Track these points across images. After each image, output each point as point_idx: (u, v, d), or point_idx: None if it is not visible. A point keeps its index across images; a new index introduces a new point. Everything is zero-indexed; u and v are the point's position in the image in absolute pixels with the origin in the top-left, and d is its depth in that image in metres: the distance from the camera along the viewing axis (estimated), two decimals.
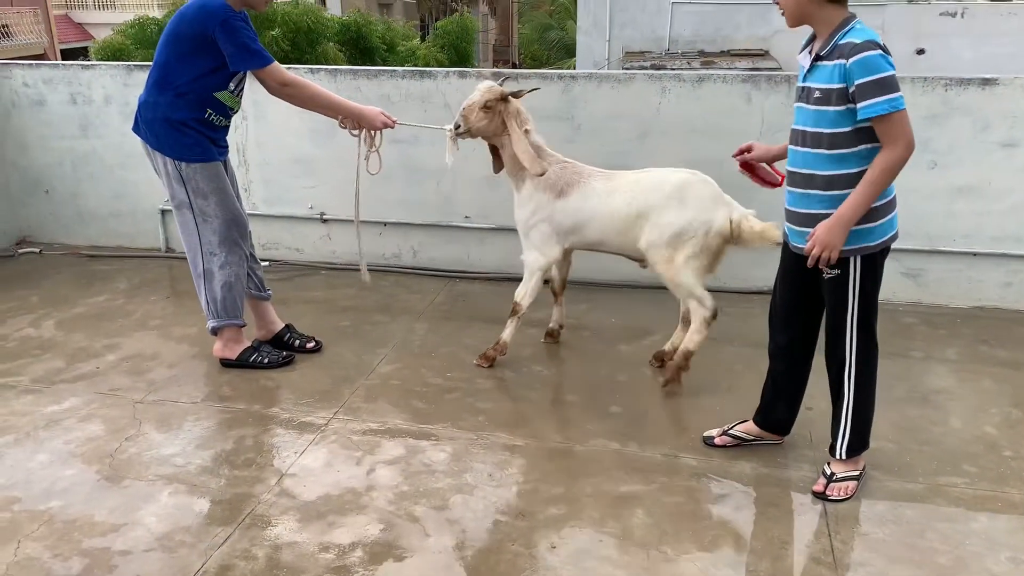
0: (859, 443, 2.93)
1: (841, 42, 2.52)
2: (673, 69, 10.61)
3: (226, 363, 3.91)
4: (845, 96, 2.52)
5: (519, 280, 5.01)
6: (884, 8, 12.99)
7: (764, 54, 13.17)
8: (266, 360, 3.91)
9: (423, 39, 25.61)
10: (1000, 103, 4.23)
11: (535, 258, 3.78)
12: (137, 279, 5.07)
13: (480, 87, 3.68)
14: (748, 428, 3.23)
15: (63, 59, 24.68)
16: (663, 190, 3.50)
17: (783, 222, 2.89)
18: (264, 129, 5.14)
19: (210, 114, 3.63)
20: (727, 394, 3.66)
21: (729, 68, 11.67)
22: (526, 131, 3.67)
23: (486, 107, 3.62)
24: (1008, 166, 4.29)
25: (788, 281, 2.98)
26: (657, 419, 3.46)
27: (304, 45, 17.76)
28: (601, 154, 4.66)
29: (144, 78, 5.22)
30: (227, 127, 3.80)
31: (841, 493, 2.91)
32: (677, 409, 3.56)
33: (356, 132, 3.80)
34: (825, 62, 2.56)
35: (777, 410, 3.16)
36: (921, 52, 12.58)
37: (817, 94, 2.59)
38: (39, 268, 5.29)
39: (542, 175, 3.63)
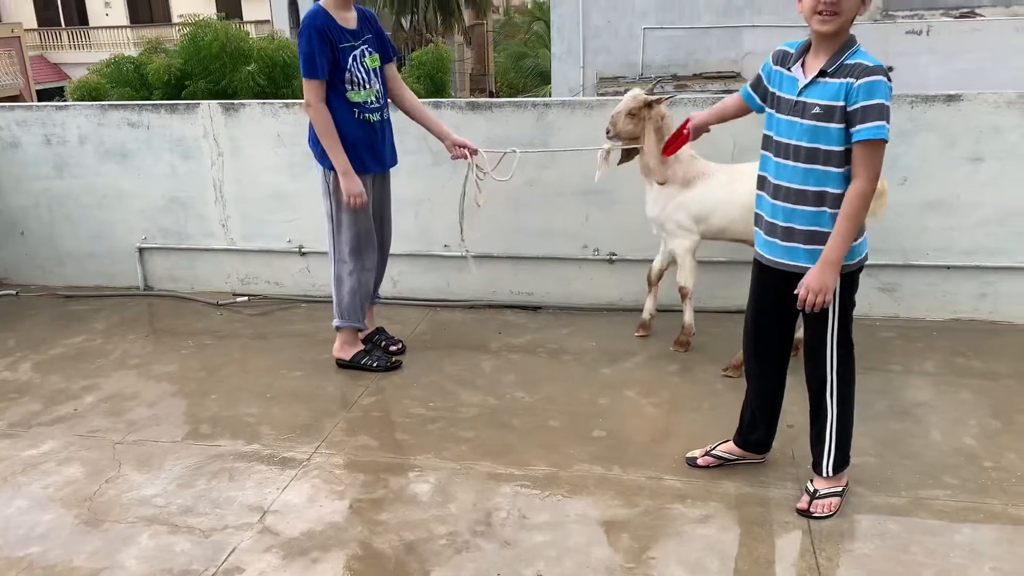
0: (843, 459, 2.94)
1: (849, 62, 2.55)
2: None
3: (341, 363, 4.20)
4: (843, 115, 2.55)
5: (500, 307, 5.03)
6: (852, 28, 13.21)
7: (736, 76, 13.34)
8: (375, 364, 4.16)
9: (399, 70, 25.72)
10: (965, 119, 4.30)
11: (681, 243, 4.11)
12: (115, 318, 5.04)
13: (627, 95, 4.06)
14: (730, 448, 3.23)
15: (39, 99, 24.65)
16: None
17: (756, 236, 2.91)
18: (241, 165, 5.15)
19: (356, 113, 3.85)
20: (709, 413, 3.67)
21: (701, 91, 11.82)
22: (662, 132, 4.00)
23: (631, 113, 3.99)
24: (975, 180, 4.36)
25: (762, 299, 2.98)
26: (640, 442, 3.46)
27: (280, 80, 17.83)
28: (577, 178, 4.70)
29: (119, 117, 5.26)
30: (378, 128, 3.97)
31: (825, 510, 2.92)
32: (659, 431, 3.56)
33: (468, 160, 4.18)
34: (830, 79, 2.57)
35: (756, 430, 3.17)
36: (889, 70, 12.78)
37: (817, 110, 2.59)
38: (15, 310, 5.25)
39: (662, 183, 4.02)
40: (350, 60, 3.79)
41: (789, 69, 2.70)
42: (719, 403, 3.74)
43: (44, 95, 27.11)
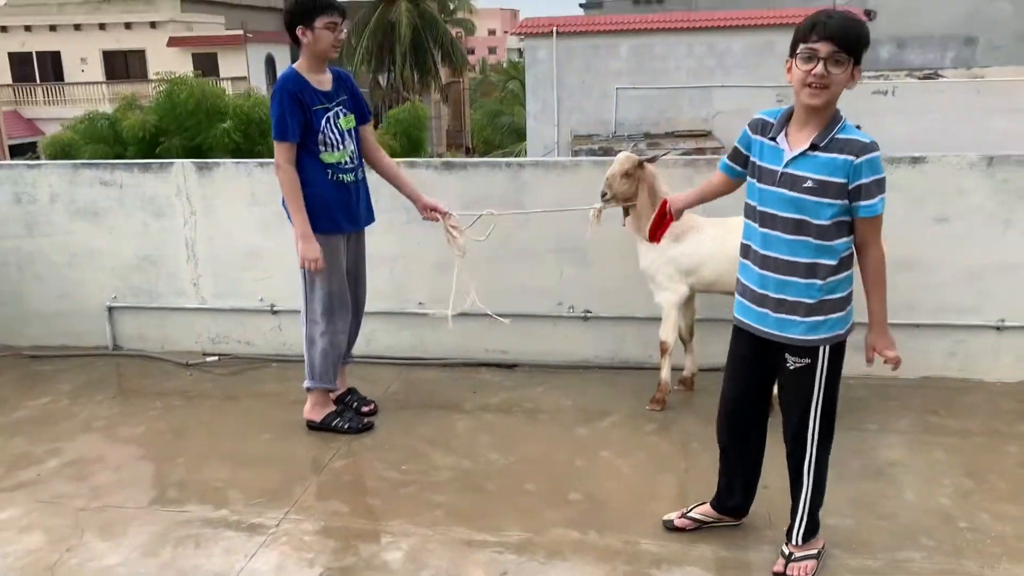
0: (813, 526, 2.93)
1: (841, 136, 2.54)
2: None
3: (311, 425, 4.13)
4: (843, 191, 2.54)
5: (474, 365, 5.00)
6: None
7: (707, 134, 13.60)
8: (347, 426, 4.10)
9: (376, 127, 26.00)
10: (930, 180, 4.39)
11: (667, 297, 4.18)
12: (82, 379, 4.95)
13: (619, 157, 4.12)
14: (706, 511, 3.20)
15: (12, 155, 24.54)
16: None
17: (736, 306, 2.91)
18: (214, 224, 5.13)
19: (330, 174, 3.86)
20: (685, 474, 3.65)
21: (674, 148, 12.01)
22: (655, 192, 4.07)
23: (626, 174, 4.06)
24: (942, 240, 4.43)
25: (744, 370, 2.94)
26: (616, 504, 3.42)
27: (256, 137, 17.92)
28: (551, 237, 4.73)
29: (91, 176, 5.24)
30: (353, 188, 3.97)
31: (801, 573, 2.89)
32: (636, 492, 3.53)
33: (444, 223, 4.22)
34: (823, 153, 2.55)
35: (733, 496, 3.14)
36: (857, 128, 13.09)
37: (809, 184, 2.56)
38: None
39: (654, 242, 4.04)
40: (323, 122, 3.81)
41: (773, 139, 2.66)
42: (696, 463, 3.72)
43: (17, 151, 27.01)
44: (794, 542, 2.92)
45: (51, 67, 34.23)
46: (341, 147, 3.88)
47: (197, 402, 4.58)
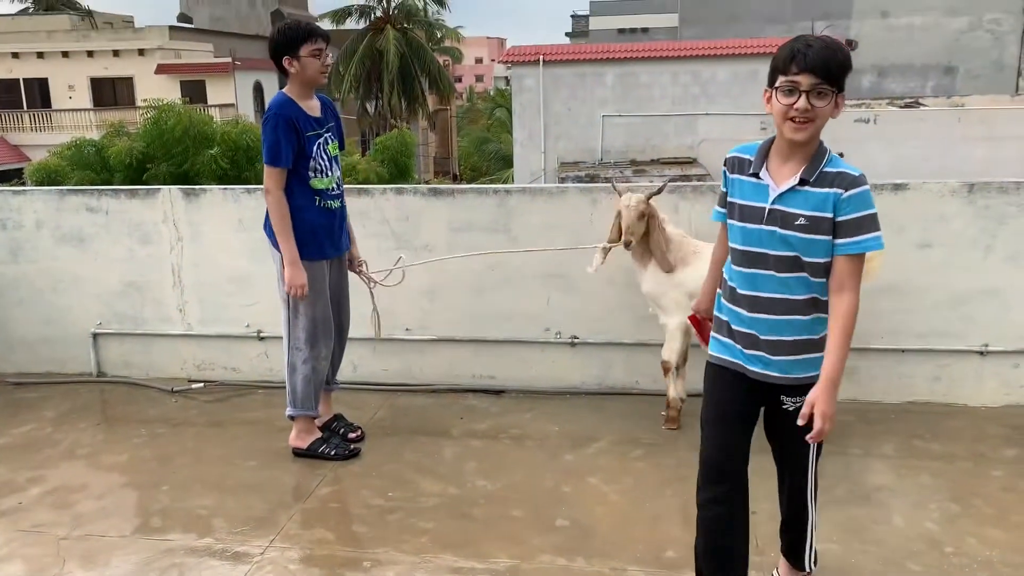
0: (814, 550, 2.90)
1: (830, 170, 2.41)
2: (605, 179, 10.94)
3: (297, 452, 4.10)
4: (831, 226, 2.41)
5: (462, 391, 4.99)
6: None
7: (692, 161, 13.72)
8: (333, 452, 4.08)
9: (363, 154, 26.06)
10: (912, 207, 4.44)
11: (675, 319, 4.22)
12: (66, 406, 4.90)
13: (630, 202, 4.14)
14: None
15: None
16: None
17: (721, 346, 2.70)
18: (199, 250, 5.13)
19: (318, 200, 3.88)
20: (673, 499, 3.64)
21: (659, 175, 12.11)
22: (662, 225, 4.21)
23: (641, 215, 4.13)
24: (925, 266, 4.48)
25: (731, 416, 2.69)
26: (603, 531, 3.41)
27: (243, 163, 17.92)
28: (539, 262, 4.74)
29: (78, 202, 5.23)
30: (337, 213, 4.01)
31: None
32: (623, 519, 3.52)
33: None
34: (812, 188, 2.42)
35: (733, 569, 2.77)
36: (839, 156, 13.25)
37: (802, 221, 2.41)
38: None
39: (669, 271, 4.21)
40: (315, 148, 3.83)
41: (756, 176, 2.51)
42: (683, 488, 3.71)
43: (3, 177, 26.92)
44: (807, 568, 2.89)
45: (38, 94, 34.23)
46: (329, 173, 3.90)
47: (182, 429, 4.55)
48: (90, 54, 33.89)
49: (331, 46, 4.02)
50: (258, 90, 35.40)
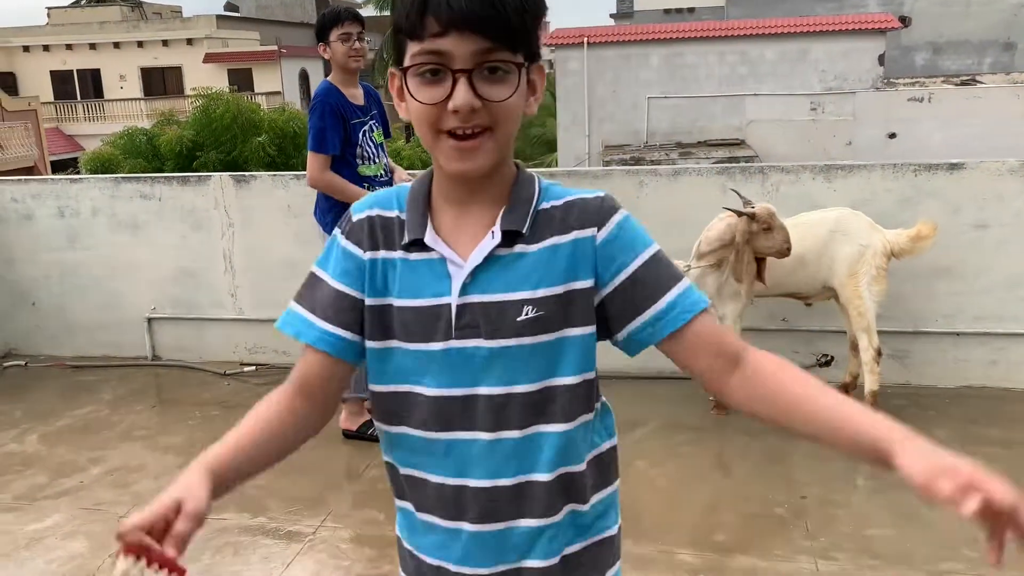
0: None
1: (548, 205, 1.25)
2: (651, 162, 10.86)
3: (347, 434, 4.18)
4: (590, 307, 1.25)
5: None
6: (854, 96, 13.43)
7: (740, 143, 13.54)
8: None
9: (408, 140, 26.19)
10: (968, 187, 4.33)
11: (734, 307, 4.14)
12: (123, 389, 5.03)
13: (773, 210, 3.88)
14: None
15: (54, 170, 25.07)
16: (826, 227, 3.96)
17: None
18: (251, 235, 5.21)
19: (366, 187, 3.86)
20: (720, 484, 3.63)
21: (706, 157, 11.97)
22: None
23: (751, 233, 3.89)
24: (981, 247, 4.37)
25: None
26: (651, 513, 3.41)
27: (290, 150, 18.13)
28: None
29: (132, 189, 5.34)
30: None
31: None
32: (671, 503, 3.51)
33: None
34: (531, 245, 1.23)
35: None
36: (892, 136, 12.96)
37: (531, 311, 1.21)
38: (24, 381, 5.25)
39: (740, 282, 4.07)
40: (360, 135, 3.86)
41: (419, 246, 1.25)
42: (730, 474, 3.70)
43: (58, 166, 27.59)
44: None
45: (91, 84, 34.97)
46: (376, 160, 3.93)
47: (234, 412, 4.61)
48: (140, 44, 34.53)
49: (375, 32, 4.03)
50: (303, 78, 35.72)
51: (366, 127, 3.90)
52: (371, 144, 3.91)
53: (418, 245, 1.24)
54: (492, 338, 1.22)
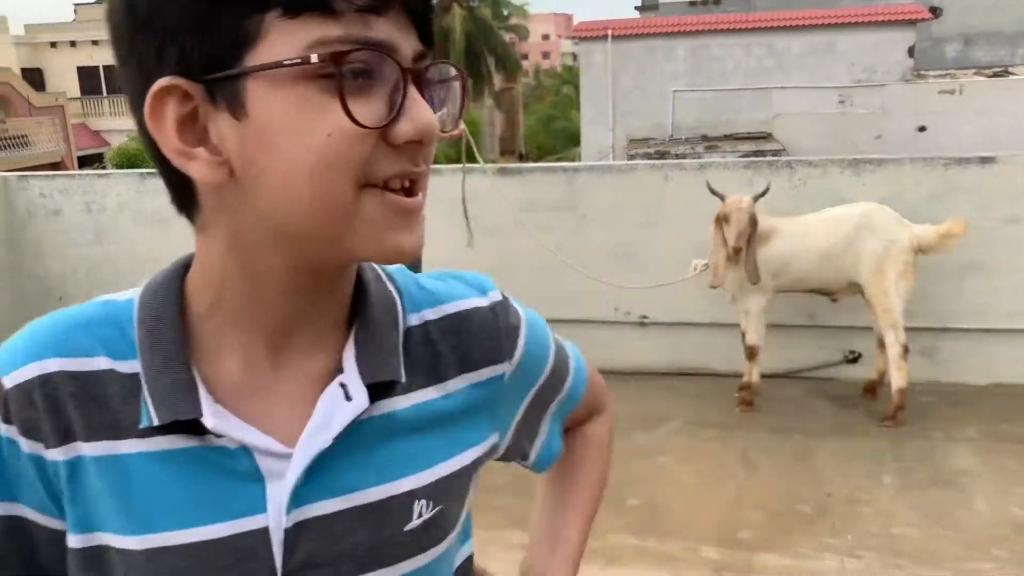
0: None
1: (415, 322, 0.77)
2: (676, 156, 10.79)
3: None
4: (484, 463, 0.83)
5: None
6: (883, 88, 13.26)
7: (767, 136, 13.41)
8: None
9: None
10: (1000, 181, 4.26)
11: (757, 301, 4.10)
12: None
13: (741, 204, 3.88)
14: None
15: (80, 165, 25.36)
16: (852, 222, 3.92)
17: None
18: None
19: None
20: (746, 481, 3.60)
21: (732, 151, 11.88)
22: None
23: (753, 219, 3.91)
24: (1013, 242, 4.30)
25: None
26: (676, 511, 3.39)
27: None
28: (609, 243, 4.71)
29: (157, 185, 5.36)
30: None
31: None
32: (696, 500, 3.49)
33: None
34: (404, 398, 0.73)
35: None
36: (922, 130, 12.77)
37: (423, 509, 0.73)
38: None
39: (755, 283, 4.03)
40: None
41: (194, 429, 0.66)
42: (756, 471, 3.67)
43: (85, 161, 27.90)
44: None
45: (117, 80, 35.33)
46: None
47: None
48: None
49: None
50: None
51: None
52: None
53: (185, 427, 0.65)
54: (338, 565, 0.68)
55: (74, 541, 0.66)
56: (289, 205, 0.61)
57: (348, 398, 0.69)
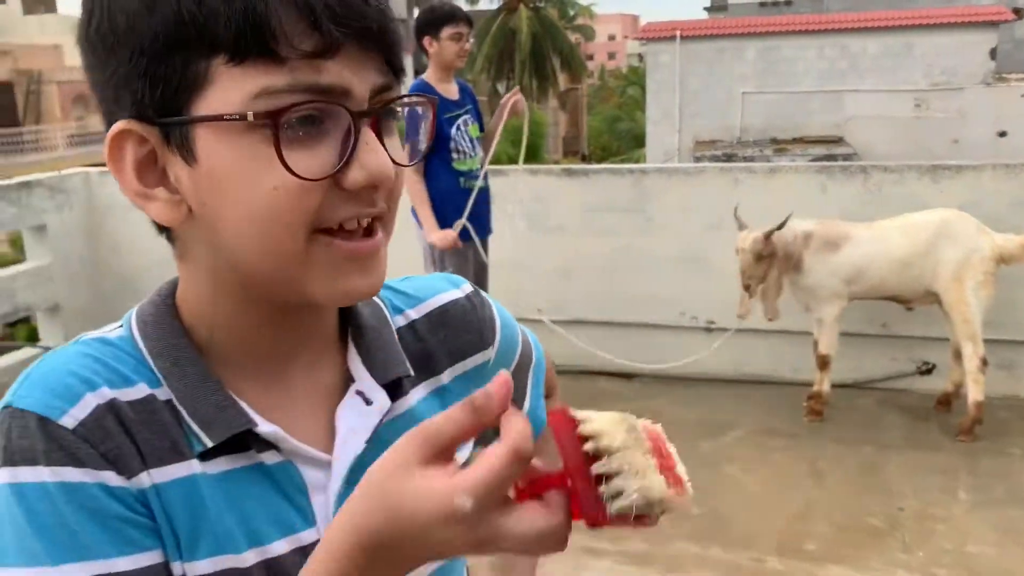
0: None
1: (401, 321, 0.80)
2: (744, 159, 10.65)
3: None
4: None
5: (593, 373, 4.98)
6: (962, 91, 12.87)
7: (838, 140, 13.13)
8: None
9: None
10: None
11: (831, 310, 4.00)
12: None
13: (744, 244, 3.89)
14: None
15: None
16: (931, 229, 3.82)
17: None
18: None
19: (462, 181, 3.90)
20: (813, 492, 3.53)
21: (802, 154, 11.66)
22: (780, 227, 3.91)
23: (759, 257, 3.89)
24: None
25: None
26: (740, 520, 3.34)
27: None
28: (675, 247, 4.66)
29: None
30: (481, 195, 3.98)
31: None
32: (762, 510, 3.43)
33: None
34: (410, 398, 0.76)
35: None
36: (1003, 135, 12.35)
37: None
38: None
39: (772, 319, 4.07)
40: (454, 130, 3.88)
41: (207, 457, 0.66)
42: (824, 482, 3.59)
43: None
44: None
45: None
46: (472, 155, 3.95)
47: None
48: None
49: None
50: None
51: (459, 121, 3.92)
52: (466, 138, 3.93)
53: (232, 446, 0.66)
54: None
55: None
56: (241, 250, 0.62)
57: (368, 403, 0.71)
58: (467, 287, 0.85)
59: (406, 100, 0.65)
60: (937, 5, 14.33)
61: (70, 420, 0.61)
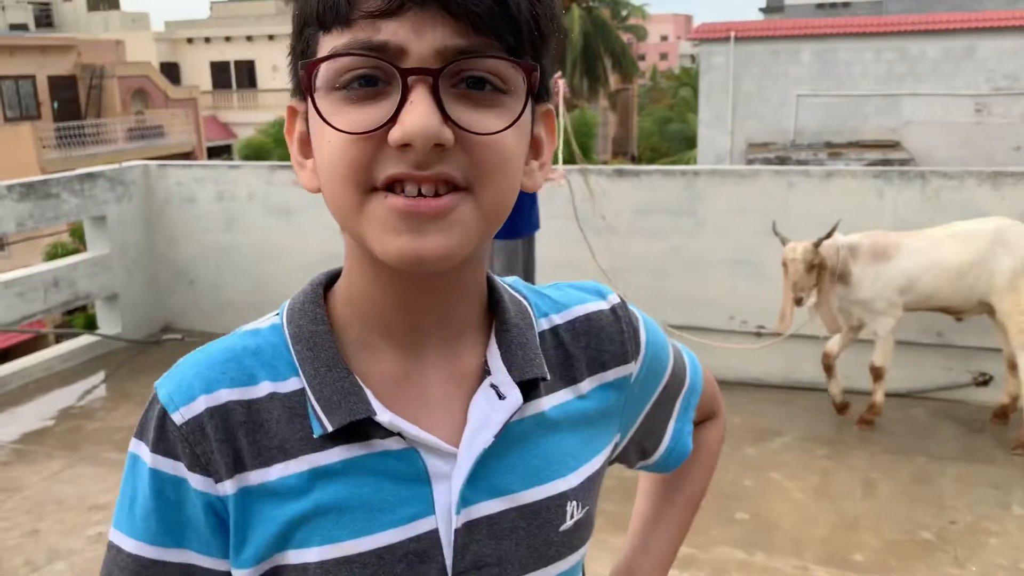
0: None
1: (545, 326, 0.80)
2: (798, 162, 10.50)
3: None
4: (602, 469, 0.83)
5: None
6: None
7: (895, 145, 12.88)
8: None
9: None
10: None
11: (887, 321, 3.93)
12: None
13: (795, 253, 3.81)
14: None
15: (209, 156, 26.62)
16: (986, 238, 3.76)
17: None
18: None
19: None
20: (861, 502, 3.47)
21: (857, 159, 11.46)
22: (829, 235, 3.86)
23: (810, 267, 3.82)
24: None
25: None
26: (786, 527, 3.30)
27: None
28: (726, 250, 4.61)
29: (285, 177, 5.59)
30: (530, 194, 4.00)
31: None
32: (807, 518, 3.38)
33: None
34: (546, 399, 0.76)
35: None
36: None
37: (575, 511, 0.77)
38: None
39: (834, 332, 4.01)
40: None
41: (325, 444, 0.69)
42: (872, 492, 3.53)
43: (213, 152, 29.25)
44: None
45: (246, 75, 36.84)
46: None
47: None
48: None
49: None
50: None
51: None
52: None
53: (352, 434, 0.67)
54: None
55: (241, 575, 0.68)
56: (330, 208, 0.67)
57: (501, 397, 0.71)
58: (614, 298, 0.84)
59: (477, 67, 0.61)
60: (1002, 7, 13.96)
61: (179, 417, 0.67)
